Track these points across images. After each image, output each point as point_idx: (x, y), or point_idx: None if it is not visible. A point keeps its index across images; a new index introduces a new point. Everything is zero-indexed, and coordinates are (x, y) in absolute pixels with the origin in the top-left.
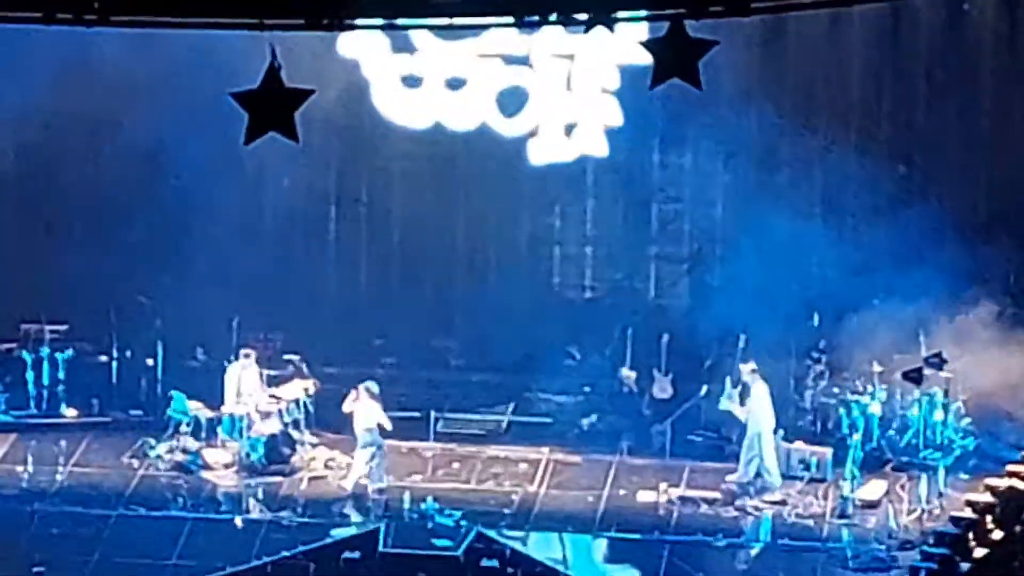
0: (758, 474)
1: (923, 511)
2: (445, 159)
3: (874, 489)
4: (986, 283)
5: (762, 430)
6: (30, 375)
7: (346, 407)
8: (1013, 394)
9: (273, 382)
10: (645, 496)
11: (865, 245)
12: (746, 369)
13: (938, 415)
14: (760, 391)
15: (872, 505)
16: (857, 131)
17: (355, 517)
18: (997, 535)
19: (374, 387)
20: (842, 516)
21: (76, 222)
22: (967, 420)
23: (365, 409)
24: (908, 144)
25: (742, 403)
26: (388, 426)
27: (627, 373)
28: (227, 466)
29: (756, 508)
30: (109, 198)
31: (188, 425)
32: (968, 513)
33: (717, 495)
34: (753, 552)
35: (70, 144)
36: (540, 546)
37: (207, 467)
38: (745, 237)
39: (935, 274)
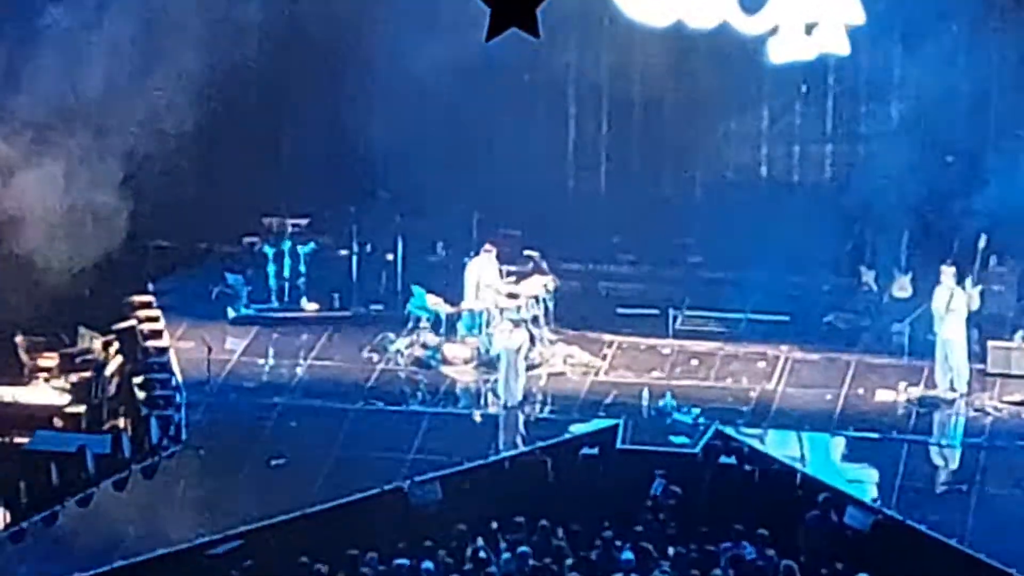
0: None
1: None
2: (685, 57)
3: None
4: None
5: (951, 338)
6: (271, 268)
7: None
8: None
9: (513, 279)
10: (884, 395)
11: None
12: (946, 272)
13: None
14: (958, 300)
15: None
16: None
17: (593, 413)
18: None
19: None
20: None
21: (317, 116)
22: None
23: None
24: None
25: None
26: None
27: (867, 271)
28: (466, 361)
29: (995, 408)
30: (349, 97)
31: (428, 320)
32: None
33: (956, 395)
34: (992, 452)
35: (314, 47)
36: (778, 444)
37: (446, 362)
38: (985, 139)
39: None
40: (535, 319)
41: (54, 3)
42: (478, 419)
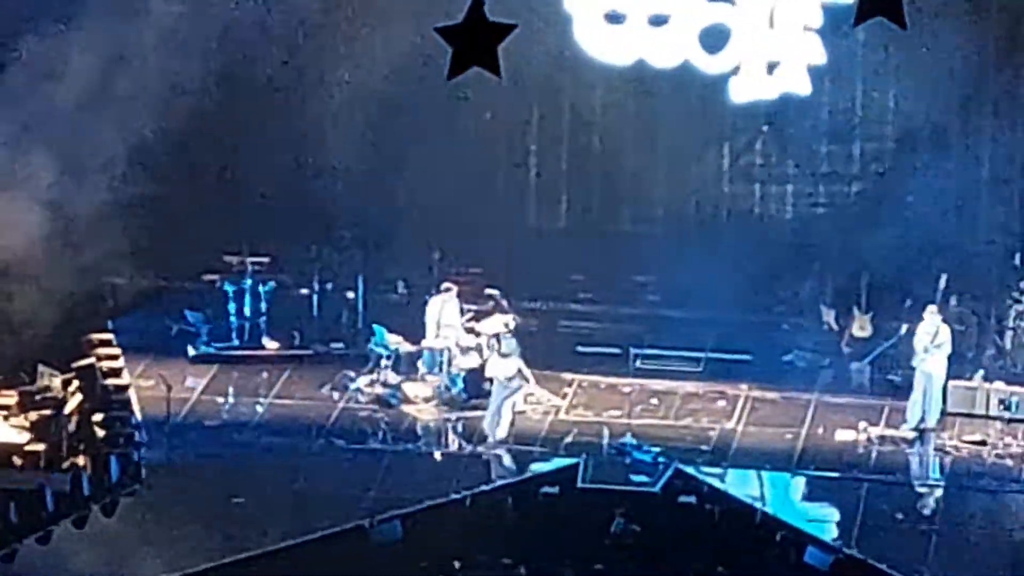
0: (921, 419)
1: None
2: (646, 96)
3: None
4: None
5: (933, 372)
6: (232, 306)
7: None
8: None
9: (473, 317)
10: (844, 435)
11: None
12: (930, 310)
13: None
14: (943, 335)
15: None
16: None
17: (553, 452)
18: None
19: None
20: None
21: (278, 154)
22: None
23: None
24: None
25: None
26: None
27: (827, 311)
28: (427, 400)
29: (955, 448)
30: (311, 130)
31: (389, 359)
32: None
33: (915, 435)
34: (952, 492)
35: (276, 83)
36: (738, 483)
37: (407, 401)
38: (948, 176)
39: None
40: None
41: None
42: (439, 458)
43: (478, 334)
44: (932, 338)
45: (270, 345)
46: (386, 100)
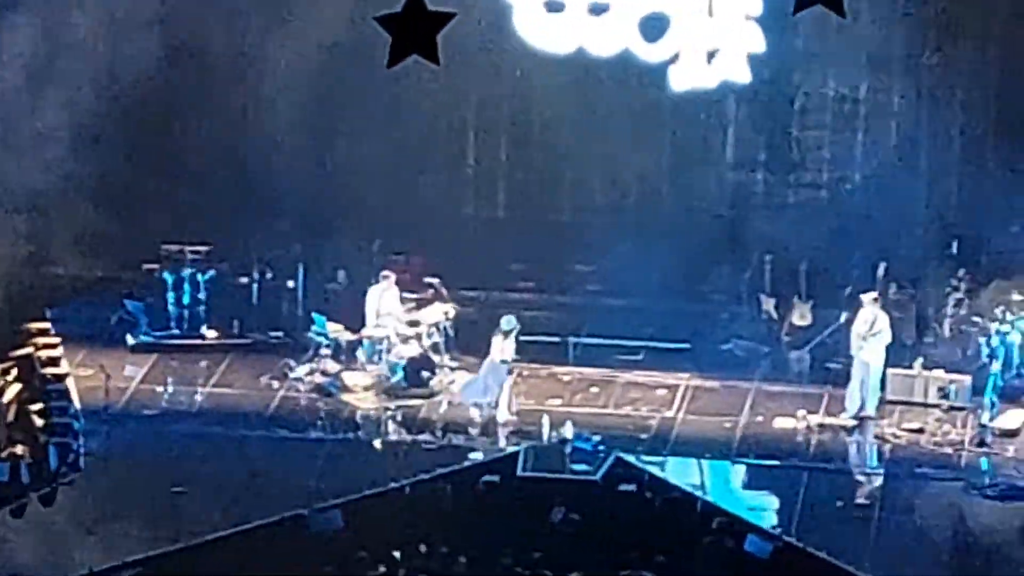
0: (860, 407)
1: None
2: (586, 84)
3: (1013, 418)
4: None
5: (871, 361)
6: (171, 296)
7: None
8: None
9: (414, 306)
10: (783, 423)
11: (1008, 171)
12: (867, 298)
13: None
14: (881, 323)
15: (1010, 434)
16: (1001, 51)
17: (493, 441)
18: None
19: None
20: (980, 445)
21: (218, 144)
22: None
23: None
24: None
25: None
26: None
27: (766, 299)
28: (367, 389)
29: (894, 436)
30: (251, 120)
31: (328, 348)
32: None
33: (855, 423)
34: (891, 479)
35: (215, 69)
36: (678, 471)
37: (347, 390)
38: (886, 164)
39: None
40: (435, 346)
41: None
42: (379, 446)
43: (418, 323)
44: (870, 326)
45: (210, 334)
46: (325, 89)
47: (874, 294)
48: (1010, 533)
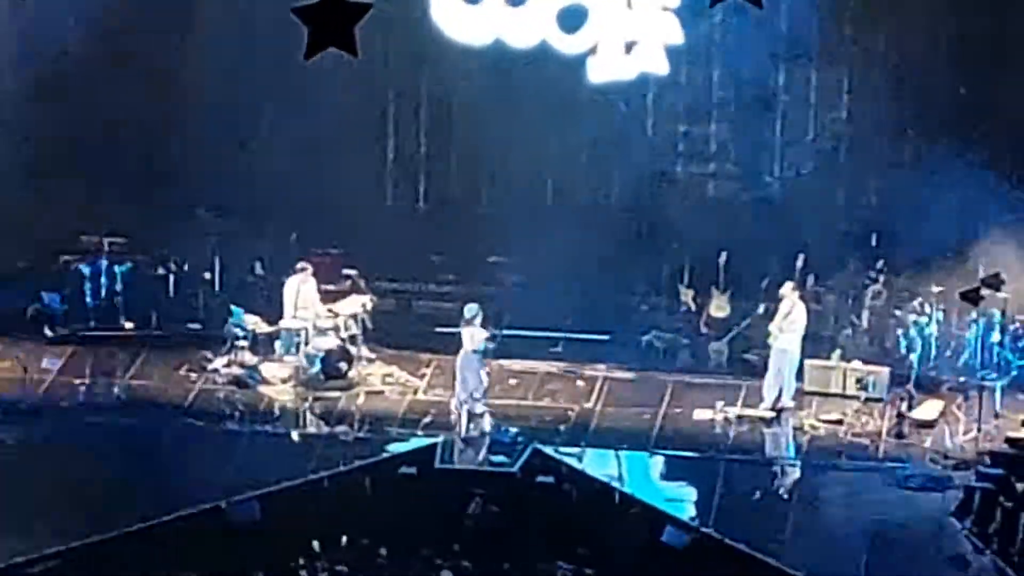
0: (778, 398)
1: (979, 432)
2: (504, 76)
3: (930, 409)
4: None
5: (788, 351)
6: (88, 287)
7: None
8: None
9: (331, 297)
10: (701, 414)
11: (927, 163)
12: (787, 287)
13: (995, 336)
14: (798, 313)
15: (928, 425)
16: (922, 48)
17: (411, 432)
18: None
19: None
20: (898, 436)
21: (134, 134)
22: None
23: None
24: (973, 60)
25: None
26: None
27: (684, 291)
28: (284, 381)
29: (812, 427)
30: (168, 111)
31: (246, 339)
32: None
33: (772, 414)
34: (809, 470)
35: (129, 59)
36: (596, 463)
37: (264, 381)
38: (806, 155)
39: (994, 195)
40: (353, 338)
41: None
42: (297, 438)
43: (336, 314)
44: (786, 317)
45: (127, 326)
46: (243, 80)
47: (792, 283)
48: (927, 523)
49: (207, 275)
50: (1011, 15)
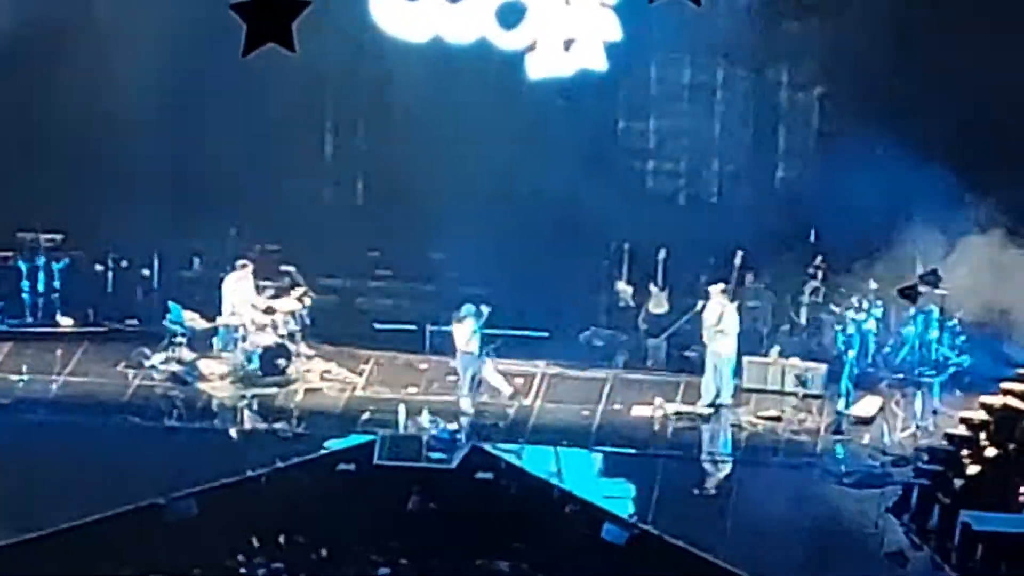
0: (716, 395)
1: (917, 428)
2: (443, 72)
3: (869, 406)
4: (983, 202)
5: (722, 351)
6: (25, 284)
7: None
8: (1007, 313)
9: (269, 293)
10: (640, 411)
11: (863, 162)
12: (715, 290)
13: (933, 333)
14: (728, 317)
15: (866, 421)
16: (859, 38)
17: (349, 429)
18: (991, 452)
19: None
20: (836, 432)
21: (71, 132)
22: (962, 338)
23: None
24: (908, 60)
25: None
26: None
27: (623, 287)
28: (223, 377)
29: (751, 424)
30: (105, 110)
31: (184, 336)
32: (962, 430)
33: (711, 411)
34: (747, 467)
35: (65, 55)
36: (535, 460)
37: (203, 378)
38: (743, 152)
39: (932, 192)
40: (292, 334)
41: None
42: (234, 435)
43: (274, 311)
44: (718, 319)
45: (64, 322)
46: (181, 75)
47: (722, 286)
48: (865, 520)
49: (145, 271)
50: (944, 6)
